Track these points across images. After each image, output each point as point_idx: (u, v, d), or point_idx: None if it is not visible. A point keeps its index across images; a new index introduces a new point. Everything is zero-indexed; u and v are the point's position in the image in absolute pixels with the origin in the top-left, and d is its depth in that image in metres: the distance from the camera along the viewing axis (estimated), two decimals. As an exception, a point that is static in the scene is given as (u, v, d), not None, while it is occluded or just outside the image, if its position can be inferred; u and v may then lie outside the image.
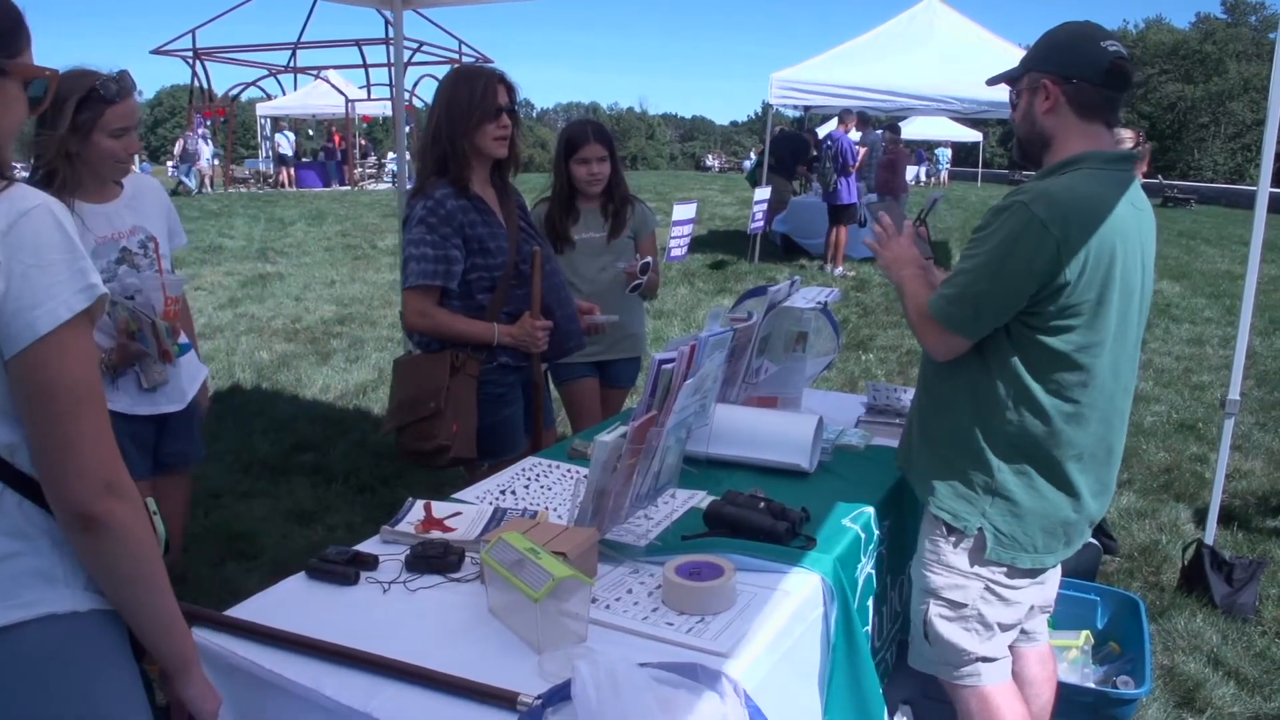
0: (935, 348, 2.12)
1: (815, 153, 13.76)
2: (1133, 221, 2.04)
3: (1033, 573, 2.18)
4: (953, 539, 2.15)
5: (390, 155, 27.68)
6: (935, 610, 2.19)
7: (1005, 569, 2.14)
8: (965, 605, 2.16)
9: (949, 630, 2.18)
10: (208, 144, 23.62)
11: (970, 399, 2.10)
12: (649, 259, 3.57)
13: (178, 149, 23.78)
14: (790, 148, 13.28)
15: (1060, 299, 1.96)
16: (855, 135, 11.78)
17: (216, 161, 25.11)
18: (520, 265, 2.92)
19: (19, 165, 2.27)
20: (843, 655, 1.94)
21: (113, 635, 1.35)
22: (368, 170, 27.15)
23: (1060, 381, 2.02)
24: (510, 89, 2.86)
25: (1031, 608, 2.28)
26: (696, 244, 11.12)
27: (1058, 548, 2.16)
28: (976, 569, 2.14)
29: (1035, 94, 2.06)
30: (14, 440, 1.27)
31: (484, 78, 2.82)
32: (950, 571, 2.16)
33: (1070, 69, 2.01)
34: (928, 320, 2.09)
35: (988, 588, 2.15)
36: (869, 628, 2.27)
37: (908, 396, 2.94)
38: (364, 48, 20.14)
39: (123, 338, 2.72)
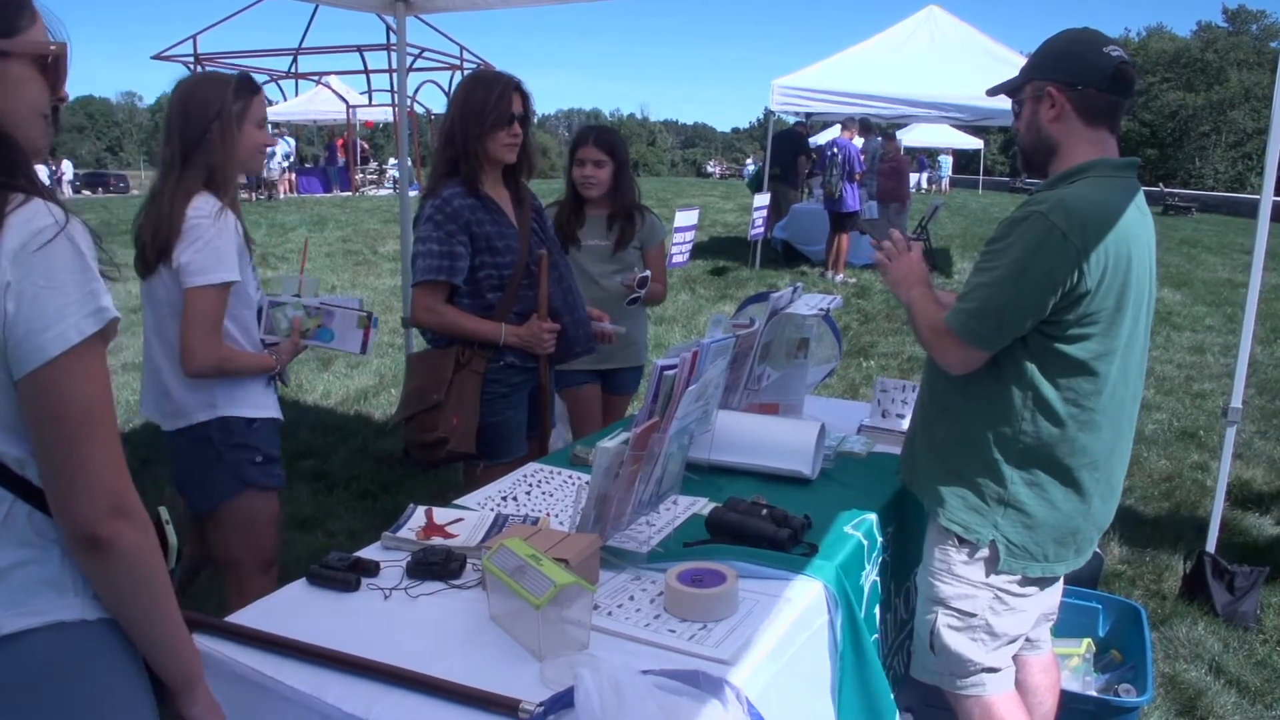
0: (953, 363, 2.08)
1: (807, 155, 13.79)
2: (1141, 228, 2.04)
3: (1042, 581, 2.17)
4: (965, 550, 2.14)
5: (392, 161, 27.64)
6: (944, 620, 2.17)
7: (1017, 578, 2.13)
8: (974, 615, 2.15)
9: (956, 640, 2.17)
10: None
11: (983, 408, 2.08)
12: (647, 273, 3.57)
13: None
14: (790, 146, 13.29)
15: (1080, 307, 1.95)
16: (858, 141, 11.79)
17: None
18: (531, 266, 2.95)
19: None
20: (851, 663, 1.94)
21: (122, 643, 1.34)
22: (369, 176, 27.13)
23: (1076, 389, 2.01)
24: (525, 97, 2.92)
25: (1036, 615, 2.28)
26: (698, 250, 11.09)
27: (1068, 556, 2.15)
28: (989, 579, 2.13)
29: (1040, 102, 2.05)
30: (23, 455, 1.25)
31: (500, 84, 2.87)
32: (960, 582, 2.15)
33: (1075, 76, 2.00)
34: (946, 336, 2.06)
35: (997, 596, 2.14)
36: (877, 635, 2.26)
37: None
38: (365, 54, 20.15)
39: (295, 336, 2.81)
